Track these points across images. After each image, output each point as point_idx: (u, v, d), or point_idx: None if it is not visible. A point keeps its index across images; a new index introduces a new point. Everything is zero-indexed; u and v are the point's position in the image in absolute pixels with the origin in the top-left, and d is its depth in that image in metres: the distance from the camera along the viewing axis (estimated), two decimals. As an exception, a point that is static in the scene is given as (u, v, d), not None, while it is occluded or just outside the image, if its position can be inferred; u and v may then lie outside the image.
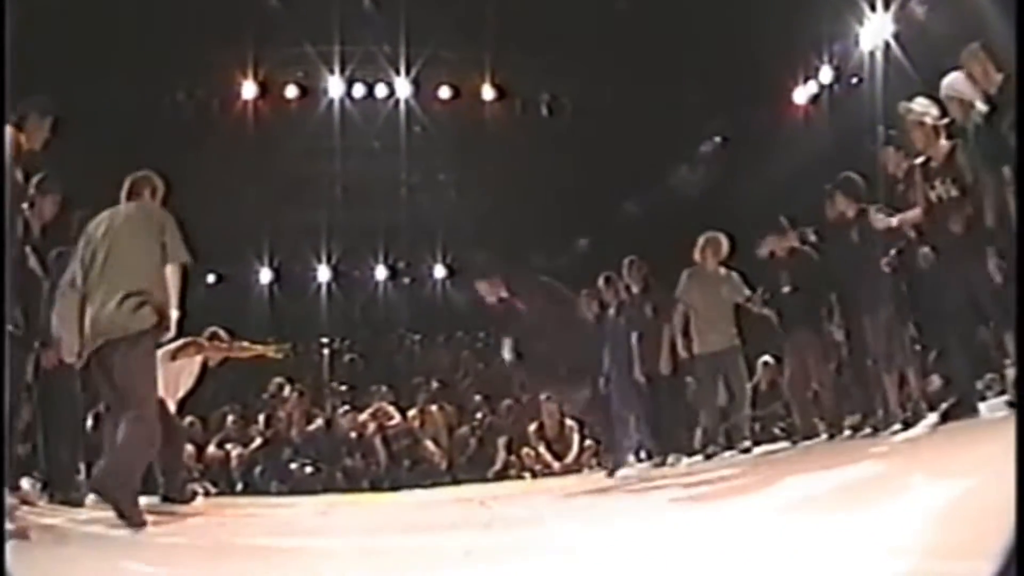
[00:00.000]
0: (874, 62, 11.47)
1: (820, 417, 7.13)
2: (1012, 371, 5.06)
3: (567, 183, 14.16)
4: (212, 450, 9.85)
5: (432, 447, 10.17)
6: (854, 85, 12.36)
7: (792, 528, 2.57)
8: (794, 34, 12.11)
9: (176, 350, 6.28)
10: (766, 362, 8.84)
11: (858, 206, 6.30)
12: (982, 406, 5.28)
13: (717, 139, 14.88)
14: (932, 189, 5.34)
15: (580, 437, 9.50)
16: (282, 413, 10.15)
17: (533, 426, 9.60)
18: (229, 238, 13.89)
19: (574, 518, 4.01)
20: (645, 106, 13.63)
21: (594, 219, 14.19)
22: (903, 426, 5.89)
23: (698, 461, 7.20)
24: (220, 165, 13.00)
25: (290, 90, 14.20)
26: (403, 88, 14.28)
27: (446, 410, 10.73)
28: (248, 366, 11.48)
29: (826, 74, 12.92)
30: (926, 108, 5.43)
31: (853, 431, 6.55)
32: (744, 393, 7.56)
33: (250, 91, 13.76)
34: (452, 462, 10.22)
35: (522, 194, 14.40)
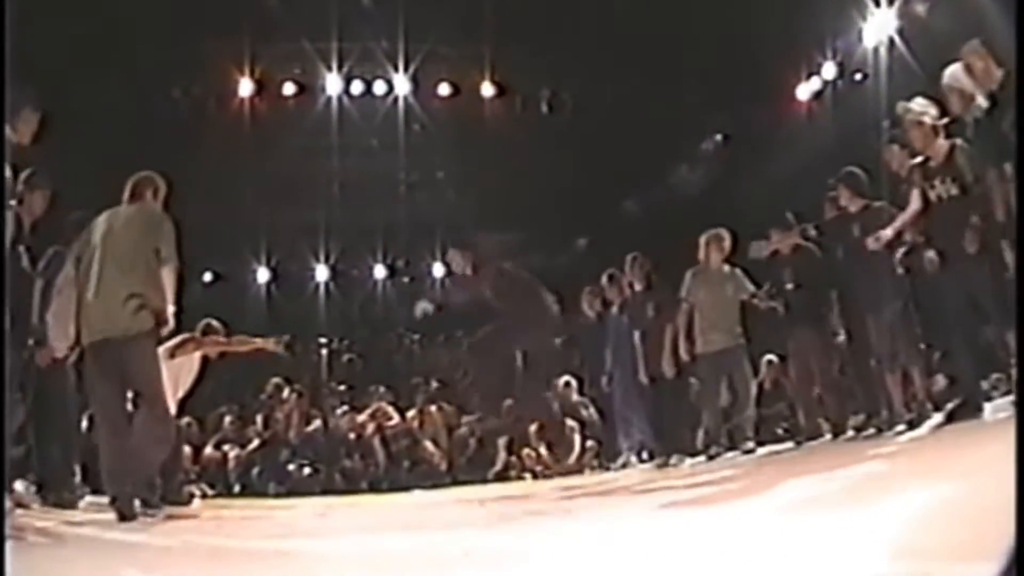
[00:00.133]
0: (878, 58, 11.46)
1: (824, 417, 7.11)
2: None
3: (568, 181, 14.16)
4: (209, 451, 9.85)
5: (431, 448, 10.17)
6: (857, 82, 12.35)
7: (793, 530, 2.57)
8: (797, 29, 12.10)
9: (175, 347, 6.31)
10: (770, 361, 8.83)
11: (862, 202, 6.30)
12: (987, 406, 5.28)
13: (718, 137, 14.88)
14: (932, 188, 5.36)
15: (581, 438, 9.49)
16: (280, 414, 10.14)
17: (534, 426, 9.59)
18: (226, 237, 13.92)
19: (575, 520, 4.01)
20: (647, 103, 13.62)
21: (595, 217, 14.19)
22: (907, 426, 5.89)
23: (701, 462, 7.19)
24: (217, 163, 12.99)
25: (287, 87, 14.19)
26: (402, 85, 14.27)
27: (445, 410, 10.72)
28: (245, 367, 11.48)
29: (829, 70, 12.90)
30: (924, 108, 5.45)
31: (857, 431, 6.55)
32: (748, 393, 7.54)
33: (247, 88, 13.75)
34: (452, 463, 10.21)
35: (522, 192, 14.39)
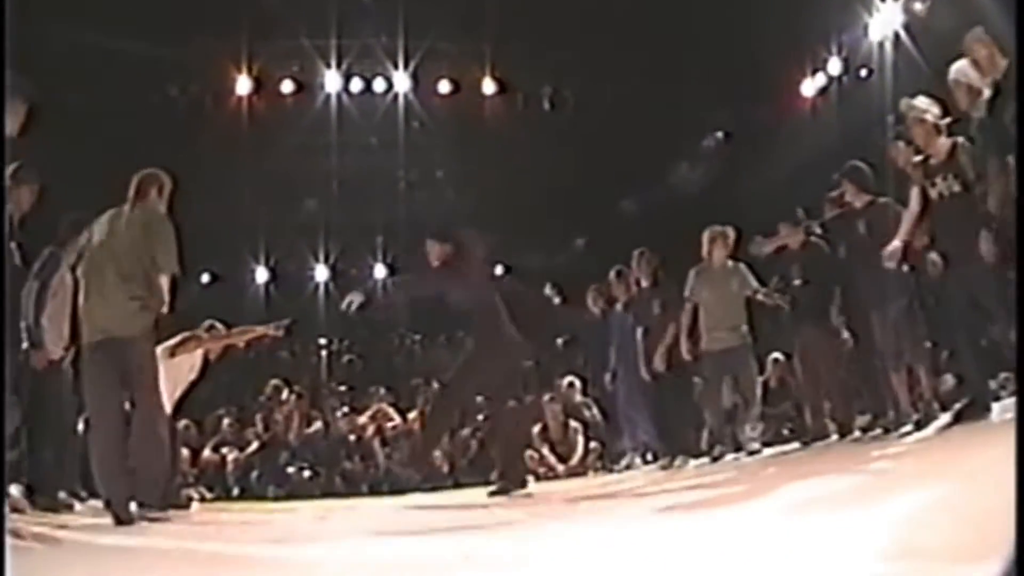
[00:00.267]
0: (883, 53, 11.45)
1: (831, 417, 7.10)
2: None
3: (569, 179, 14.15)
4: (207, 454, 9.85)
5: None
6: (863, 78, 12.34)
7: (797, 533, 2.56)
8: (802, 25, 12.10)
9: (175, 346, 6.37)
10: (776, 359, 8.81)
11: (867, 197, 6.29)
12: (995, 406, 5.27)
13: (721, 134, 14.88)
14: (933, 186, 5.35)
15: (585, 439, 9.47)
16: (279, 416, 10.13)
17: (537, 428, 9.58)
18: (224, 237, 13.92)
19: (577, 523, 4.00)
20: (650, 100, 13.62)
21: (598, 215, 14.17)
22: (915, 427, 5.87)
23: (706, 463, 7.17)
24: (214, 162, 13.00)
25: (286, 85, 14.21)
26: (402, 82, 14.28)
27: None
28: (244, 368, 11.48)
29: (835, 66, 12.90)
30: (927, 106, 5.46)
31: (863, 432, 6.53)
32: (754, 393, 7.52)
33: (245, 86, 13.76)
34: (453, 465, 10.19)
35: (524, 190, 14.39)
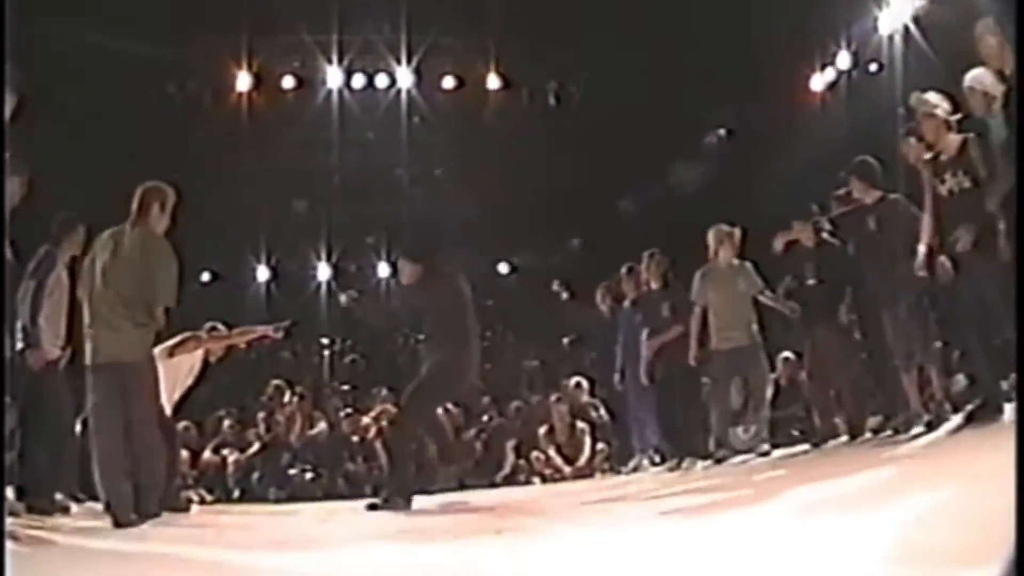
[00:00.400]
0: (893, 47, 11.43)
1: (841, 418, 7.06)
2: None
3: (575, 176, 14.12)
4: (208, 456, 9.82)
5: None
6: (872, 72, 12.32)
7: (804, 536, 2.58)
8: (812, 19, 12.08)
9: (173, 346, 6.38)
10: (787, 358, 8.75)
11: (877, 193, 6.25)
12: (1008, 407, 5.21)
13: (725, 131, 14.84)
14: (943, 183, 5.31)
15: (592, 440, 9.44)
16: (281, 417, 10.10)
17: (543, 429, 9.55)
18: (224, 235, 13.90)
19: (584, 526, 3.97)
20: (657, 96, 13.57)
21: (603, 213, 14.13)
22: (926, 428, 5.85)
23: (714, 465, 7.14)
24: (214, 160, 13.00)
25: (287, 81, 14.18)
26: (405, 78, 14.23)
27: (452, 412, 10.66)
28: (245, 368, 11.45)
29: (844, 60, 12.87)
30: (938, 101, 5.45)
31: (874, 433, 6.50)
32: (764, 394, 7.47)
33: (244, 82, 13.73)
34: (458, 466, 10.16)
35: (529, 187, 14.35)
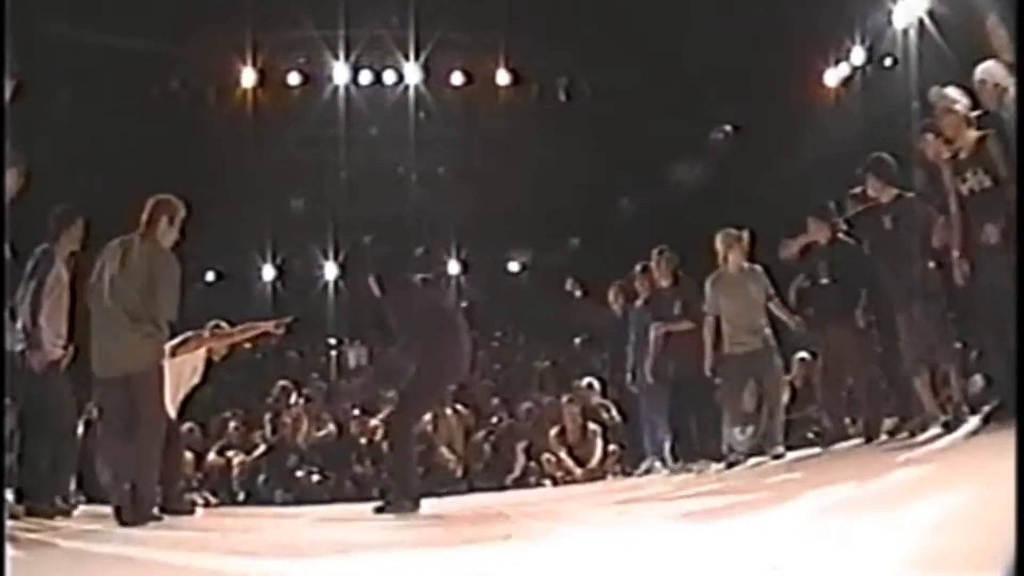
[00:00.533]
0: (907, 41, 11.39)
1: (856, 420, 7.00)
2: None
3: (586, 174, 14.08)
4: (212, 457, 9.82)
5: (447, 453, 10.07)
6: (887, 67, 12.28)
7: (818, 540, 2.56)
8: (826, 13, 12.05)
9: (176, 346, 6.40)
10: (803, 358, 8.68)
11: (893, 191, 6.21)
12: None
13: (728, 127, 14.80)
14: (964, 182, 5.25)
15: (603, 442, 9.39)
16: (287, 418, 10.07)
17: (554, 430, 9.51)
18: (228, 234, 13.88)
19: (598, 529, 3.93)
20: (669, 92, 13.54)
21: (614, 211, 14.09)
22: (943, 429, 5.81)
23: (727, 468, 7.10)
24: (218, 157, 13.00)
25: (292, 77, 14.16)
26: (413, 74, 14.19)
27: (461, 414, 10.62)
28: (250, 369, 11.43)
29: (858, 55, 12.84)
30: (958, 96, 5.43)
31: (890, 435, 6.46)
32: (779, 397, 7.42)
33: (249, 79, 13.71)
34: (468, 469, 10.12)
35: (540, 184, 14.32)
